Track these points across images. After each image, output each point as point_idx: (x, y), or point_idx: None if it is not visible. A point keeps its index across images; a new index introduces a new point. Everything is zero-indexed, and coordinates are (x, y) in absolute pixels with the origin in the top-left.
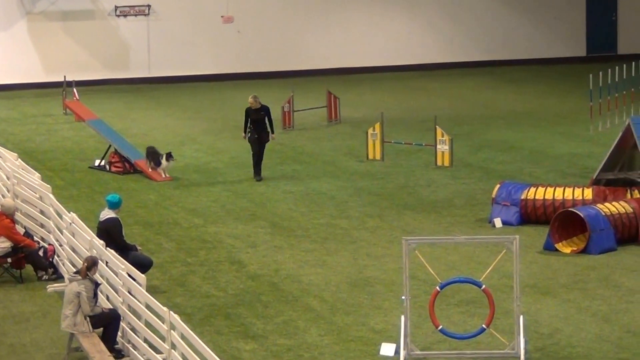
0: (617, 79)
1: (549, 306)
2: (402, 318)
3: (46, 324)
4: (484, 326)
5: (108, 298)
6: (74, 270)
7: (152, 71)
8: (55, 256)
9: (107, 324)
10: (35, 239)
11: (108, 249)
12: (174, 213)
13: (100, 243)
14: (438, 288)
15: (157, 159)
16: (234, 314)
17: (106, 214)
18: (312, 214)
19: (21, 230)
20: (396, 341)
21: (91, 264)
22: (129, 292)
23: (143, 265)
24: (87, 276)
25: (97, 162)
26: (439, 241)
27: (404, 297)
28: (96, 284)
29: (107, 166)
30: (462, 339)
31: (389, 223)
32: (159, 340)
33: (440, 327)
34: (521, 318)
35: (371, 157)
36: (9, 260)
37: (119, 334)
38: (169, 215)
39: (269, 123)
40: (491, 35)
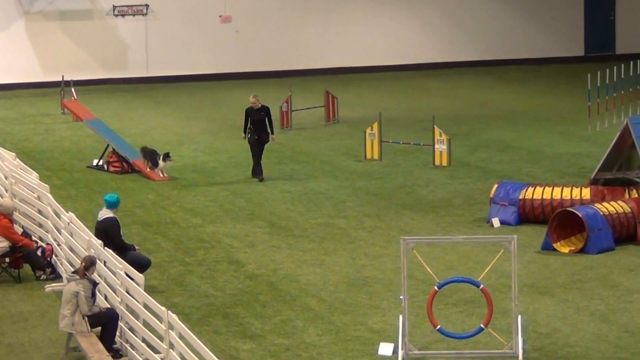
0: (615, 79)
1: (547, 306)
2: (400, 318)
3: (44, 324)
4: (482, 326)
5: (106, 298)
6: (72, 270)
7: (150, 71)
8: (54, 256)
9: (105, 323)
10: (34, 238)
11: (106, 248)
12: (172, 213)
13: (98, 243)
14: (436, 288)
15: (155, 159)
16: (232, 313)
17: (104, 213)
18: (310, 214)
19: (19, 230)
20: (394, 341)
21: (89, 263)
22: (127, 292)
23: (141, 265)
24: (85, 276)
25: (95, 162)
26: (437, 241)
27: (402, 297)
28: (94, 284)
29: (105, 166)
30: (460, 338)
31: (387, 223)
32: (157, 340)
33: (439, 326)
34: (519, 318)
35: (369, 156)
36: (7, 259)
37: (117, 333)
38: (167, 215)
39: (269, 124)
40: (489, 35)
